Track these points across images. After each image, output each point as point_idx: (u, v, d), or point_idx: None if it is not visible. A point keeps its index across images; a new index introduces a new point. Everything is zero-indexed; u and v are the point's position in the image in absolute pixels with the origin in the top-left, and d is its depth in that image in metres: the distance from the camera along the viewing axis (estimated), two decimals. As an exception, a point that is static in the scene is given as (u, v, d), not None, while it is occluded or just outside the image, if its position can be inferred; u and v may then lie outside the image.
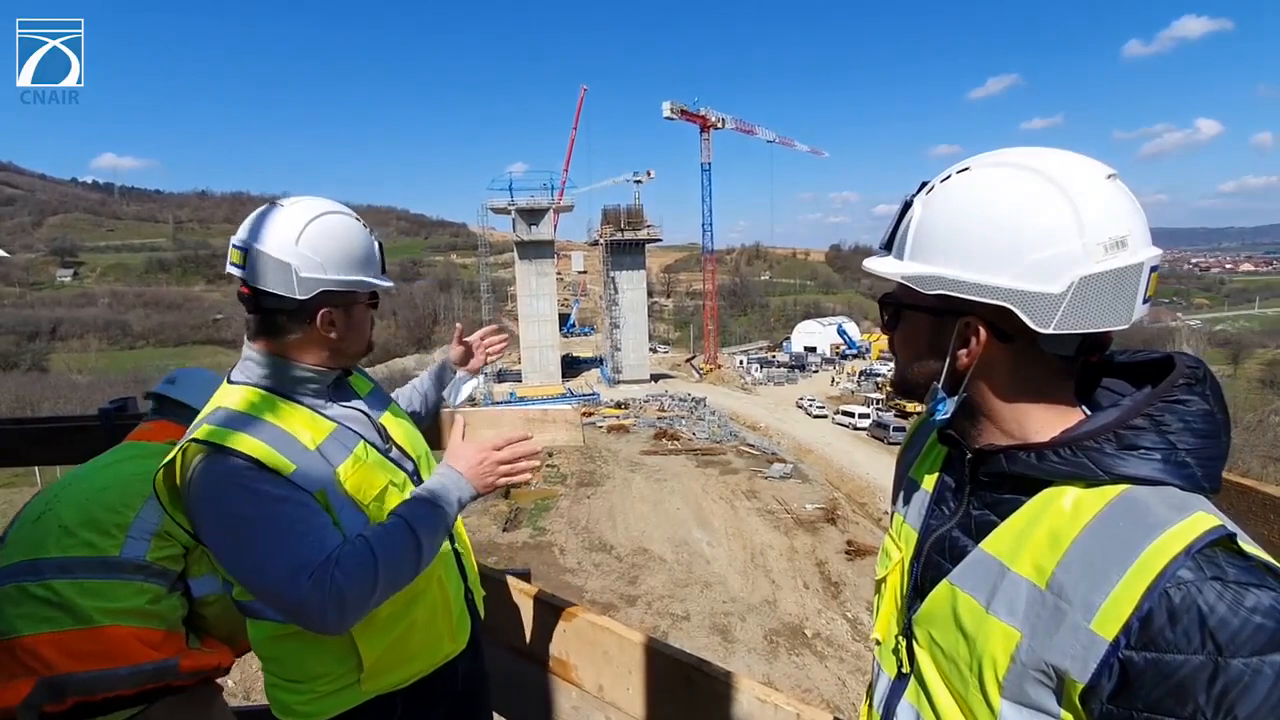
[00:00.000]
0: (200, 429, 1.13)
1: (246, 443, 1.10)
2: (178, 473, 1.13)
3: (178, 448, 1.14)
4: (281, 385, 1.23)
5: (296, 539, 1.08)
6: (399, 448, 1.37)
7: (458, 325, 1.80)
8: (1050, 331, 0.69)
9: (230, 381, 1.25)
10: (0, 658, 1.49)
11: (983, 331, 0.74)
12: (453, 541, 1.44)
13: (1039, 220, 0.69)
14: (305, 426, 1.20)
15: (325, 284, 1.20)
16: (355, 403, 1.35)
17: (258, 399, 1.20)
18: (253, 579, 1.10)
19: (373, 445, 1.30)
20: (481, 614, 1.51)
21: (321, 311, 1.22)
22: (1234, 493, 1.32)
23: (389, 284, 1.35)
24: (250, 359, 1.24)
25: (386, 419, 1.40)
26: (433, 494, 1.21)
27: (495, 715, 1.90)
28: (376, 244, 1.33)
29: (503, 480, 1.29)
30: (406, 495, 1.28)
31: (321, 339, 1.25)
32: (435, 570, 1.33)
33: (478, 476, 1.26)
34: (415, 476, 1.37)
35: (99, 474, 1.72)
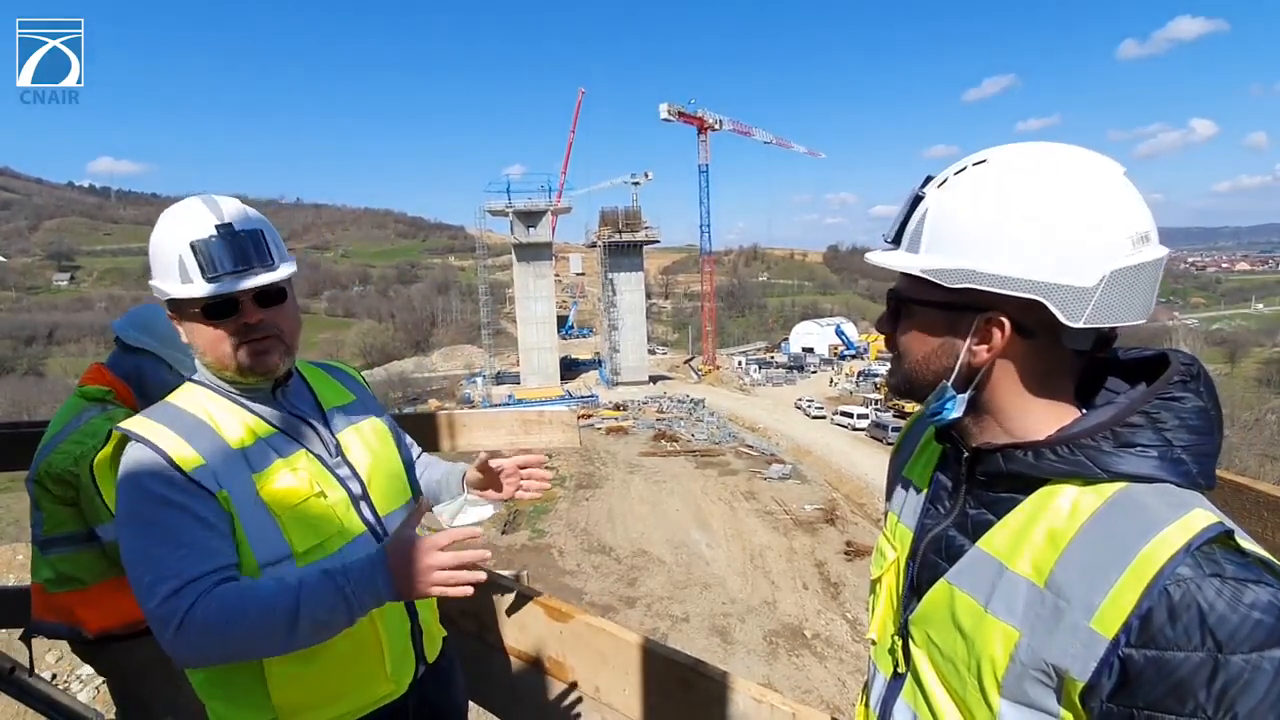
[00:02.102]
0: (132, 419, 1.15)
1: (162, 435, 1.11)
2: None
3: (113, 436, 1.15)
4: (218, 386, 1.22)
5: (173, 549, 1.06)
6: (350, 465, 1.29)
7: (482, 455, 1.46)
8: (1080, 325, 0.69)
9: (190, 379, 1.25)
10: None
11: (1008, 326, 0.73)
12: None
13: (1073, 214, 0.68)
14: (237, 427, 1.18)
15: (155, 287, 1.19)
16: (307, 412, 1.29)
17: (199, 396, 1.20)
18: (130, 575, 1.08)
19: (317, 456, 1.24)
20: (429, 659, 1.37)
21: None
22: (1229, 491, 1.32)
23: (176, 293, 1.12)
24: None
25: (349, 433, 1.32)
26: (345, 584, 1.06)
27: (491, 717, 1.90)
28: (199, 245, 1.11)
29: (434, 590, 1.07)
30: (337, 510, 1.22)
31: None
32: None
33: (406, 579, 1.07)
34: (363, 499, 1.28)
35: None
